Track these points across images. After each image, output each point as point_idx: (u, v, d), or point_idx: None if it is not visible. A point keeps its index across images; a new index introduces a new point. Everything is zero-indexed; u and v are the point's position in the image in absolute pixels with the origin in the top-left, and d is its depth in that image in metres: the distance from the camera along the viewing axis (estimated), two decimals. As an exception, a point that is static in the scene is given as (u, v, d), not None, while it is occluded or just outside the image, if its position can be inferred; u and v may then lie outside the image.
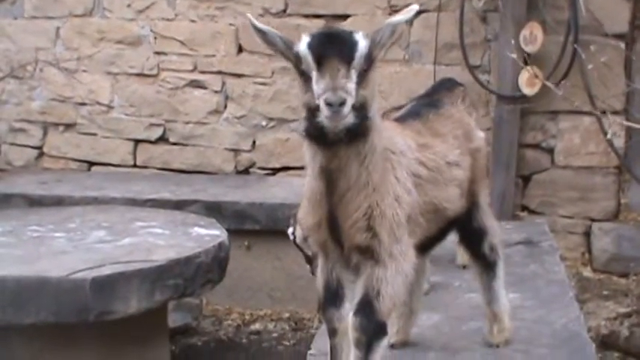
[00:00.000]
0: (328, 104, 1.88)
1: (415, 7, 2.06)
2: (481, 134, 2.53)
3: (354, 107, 1.91)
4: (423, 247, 2.28)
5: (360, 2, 4.93)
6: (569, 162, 4.71)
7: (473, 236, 2.48)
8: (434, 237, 2.31)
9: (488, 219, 2.51)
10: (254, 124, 5.13)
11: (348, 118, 1.91)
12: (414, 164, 2.19)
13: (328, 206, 2.09)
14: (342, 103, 1.88)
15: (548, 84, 3.38)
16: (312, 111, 1.95)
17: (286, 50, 2.04)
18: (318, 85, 1.92)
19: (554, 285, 3.19)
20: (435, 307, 2.84)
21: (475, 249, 2.50)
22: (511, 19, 4.49)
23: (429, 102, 2.49)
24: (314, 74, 1.93)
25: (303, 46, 1.97)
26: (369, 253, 2.09)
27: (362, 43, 1.96)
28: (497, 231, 2.54)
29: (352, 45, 1.95)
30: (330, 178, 2.05)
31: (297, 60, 1.99)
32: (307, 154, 2.08)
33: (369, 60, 1.97)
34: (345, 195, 2.06)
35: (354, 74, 1.92)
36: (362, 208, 2.06)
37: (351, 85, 1.91)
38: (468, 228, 2.46)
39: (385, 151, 2.08)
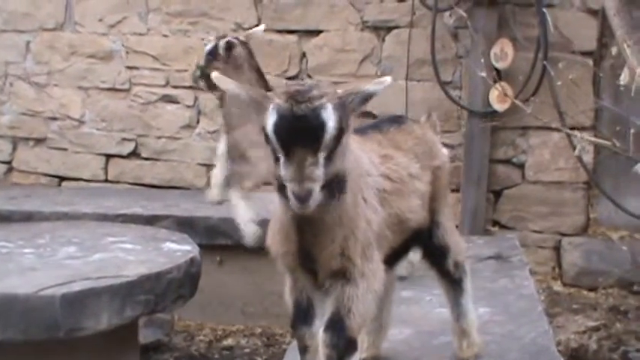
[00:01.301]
0: (295, 195, 1.86)
1: (388, 80, 1.99)
2: (445, 152, 2.54)
3: (325, 184, 1.88)
4: (389, 260, 2.28)
5: (332, 18, 4.96)
6: (539, 177, 4.76)
7: (435, 254, 2.49)
8: (399, 249, 2.32)
9: (451, 236, 2.51)
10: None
11: (319, 197, 1.88)
12: (379, 180, 2.19)
13: (300, 240, 2.09)
14: (309, 193, 1.86)
15: (517, 102, 3.42)
16: (282, 186, 1.91)
17: (257, 116, 1.95)
18: (285, 170, 1.87)
19: (524, 299, 3.21)
20: (406, 322, 2.85)
21: (439, 266, 2.51)
22: (482, 35, 4.54)
23: (392, 118, 2.50)
24: (281, 158, 1.88)
25: (269, 127, 1.88)
26: (340, 274, 2.10)
27: (331, 124, 1.86)
28: (462, 247, 2.56)
29: (320, 130, 1.85)
30: (302, 220, 2.02)
31: (265, 134, 1.91)
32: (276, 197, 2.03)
33: (339, 134, 1.89)
34: (319, 230, 2.04)
35: (321, 158, 1.86)
36: (337, 239, 2.05)
37: (319, 172, 1.85)
38: (429, 245, 2.47)
39: (353, 176, 2.07)
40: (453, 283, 2.52)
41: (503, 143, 4.79)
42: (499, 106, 4.57)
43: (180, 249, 3.42)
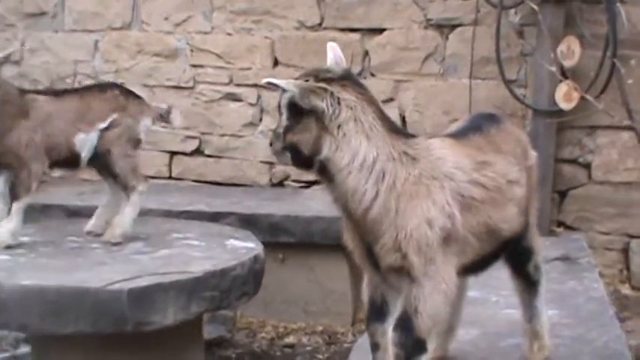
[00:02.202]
0: None
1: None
2: (534, 153, 2.51)
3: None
4: (476, 267, 2.27)
5: (395, 16, 4.94)
6: (607, 177, 4.67)
7: (520, 255, 2.45)
8: (488, 256, 2.30)
9: (536, 237, 2.48)
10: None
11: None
12: (466, 186, 2.17)
13: (359, 233, 2.14)
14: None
15: (589, 98, 3.35)
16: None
17: None
18: None
19: (594, 302, 3.15)
20: (473, 322, 2.82)
21: (520, 267, 2.47)
22: (548, 33, 4.47)
23: (489, 117, 2.47)
24: None
25: None
26: (403, 273, 2.10)
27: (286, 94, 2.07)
28: (542, 249, 2.52)
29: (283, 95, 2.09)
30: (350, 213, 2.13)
31: None
32: None
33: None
34: (365, 223, 2.10)
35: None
36: (386, 232, 2.08)
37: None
38: (517, 247, 2.42)
39: (420, 178, 2.09)
40: (529, 284, 2.49)
41: (569, 142, 4.71)
42: (565, 105, 4.50)
43: (244, 246, 3.45)
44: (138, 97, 3.68)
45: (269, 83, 2.06)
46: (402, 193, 2.07)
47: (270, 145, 2.15)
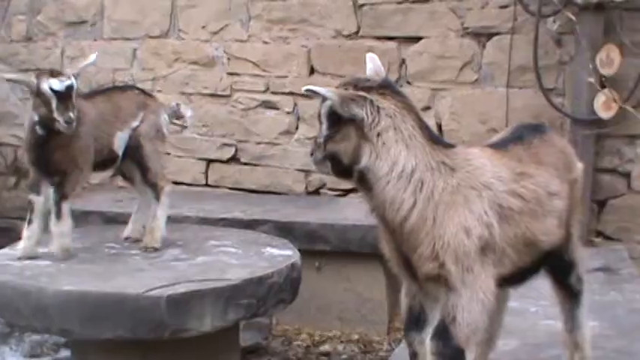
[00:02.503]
0: None
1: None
2: (580, 165, 2.48)
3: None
4: (515, 278, 2.26)
5: (432, 24, 4.92)
6: (646, 187, 4.61)
7: (563, 267, 2.43)
8: (527, 268, 2.28)
9: (579, 250, 2.46)
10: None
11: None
12: (504, 197, 2.16)
13: (394, 242, 2.16)
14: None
15: (629, 108, 3.31)
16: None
17: None
18: None
19: (636, 314, 3.11)
20: (512, 333, 2.80)
21: (562, 279, 2.45)
22: (587, 41, 4.43)
23: (533, 127, 2.45)
24: None
25: None
26: (441, 282, 2.10)
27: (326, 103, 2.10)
28: (584, 261, 2.50)
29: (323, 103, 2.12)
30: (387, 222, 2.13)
31: None
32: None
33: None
34: (403, 231, 2.10)
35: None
36: (424, 241, 2.09)
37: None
38: (559, 259, 2.40)
39: (458, 187, 2.09)
40: (571, 295, 2.47)
41: (609, 152, 4.65)
42: (604, 114, 4.45)
43: (281, 254, 3.46)
44: (151, 95, 3.78)
45: (309, 90, 2.07)
46: (440, 202, 2.08)
47: (311, 154, 2.18)
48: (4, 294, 3.07)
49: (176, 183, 5.41)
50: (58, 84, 3.06)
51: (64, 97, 3.07)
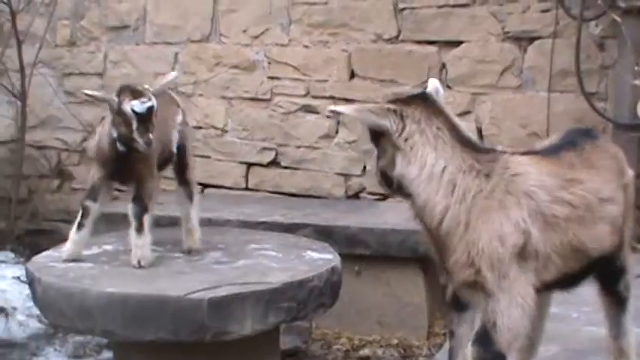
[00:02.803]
0: None
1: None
2: (631, 171, 2.46)
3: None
4: (562, 283, 2.27)
5: (473, 29, 4.91)
6: (690, 194, 4.54)
7: (613, 274, 2.41)
8: (575, 274, 2.27)
9: (629, 256, 2.44)
10: (365, 149, 5.15)
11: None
12: (546, 205, 2.15)
13: (434, 248, 2.20)
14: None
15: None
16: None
17: None
18: None
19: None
20: (554, 339, 2.78)
21: (611, 286, 2.43)
22: (630, 45, 4.38)
23: (584, 132, 2.44)
24: None
25: None
26: (477, 288, 2.11)
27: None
28: (633, 267, 2.48)
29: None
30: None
31: None
32: None
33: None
34: (438, 237, 2.14)
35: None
36: (458, 248, 2.10)
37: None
38: (609, 266, 2.38)
39: (492, 192, 2.09)
40: (618, 302, 2.44)
41: (652, 157, 4.60)
42: (648, 119, 4.41)
43: (321, 257, 3.47)
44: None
45: (332, 112, 2.22)
46: (473, 206, 2.09)
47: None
48: (49, 295, 3.12)
49: (216, 186, 5.46)
50: (139, 106, 3.07)
51: (145, 118, 3.09)
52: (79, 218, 3.34)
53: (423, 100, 2.14)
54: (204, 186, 5.50)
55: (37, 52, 5.59)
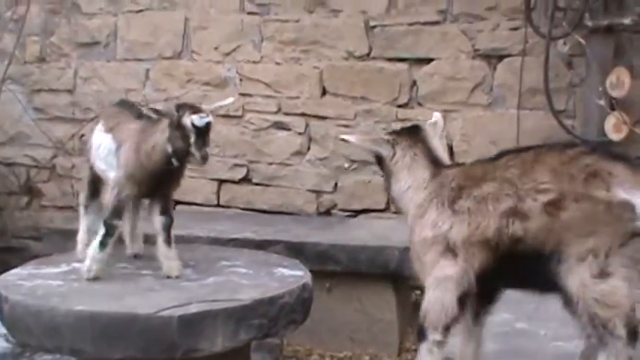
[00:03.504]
0: None
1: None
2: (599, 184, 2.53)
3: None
4: (506, 280, 2.48)
5: (443, 46, 4.95)
6: (657, 210, 4.60)
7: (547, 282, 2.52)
8: (502, 270, 2.41)
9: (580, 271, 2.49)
10: (336, 165, 5.17)
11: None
12: (456, 201, 2.45)
13: None
14: None
15: (638, 131, 3.32)
16: None
17: None
18: None
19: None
20: (522, 356, 2.80)
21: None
22: (597, 64, 4.45)
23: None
24: None
25: None
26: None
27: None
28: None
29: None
30: None
31: None
32: None
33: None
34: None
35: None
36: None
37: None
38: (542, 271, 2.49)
39: (425, 201, 2.51)
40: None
41: (620, 174, 4.65)
42: (615, 136, 4.45)
43: (292, 274, 3.47)
44: None
45: (342, 140, 2.63)
46: (415, 215, 2.50)
47: None
48: (16, 313, 3.08)
49: (188, 203, 5.44)
50: (199, 120, 3.13)
51: (203, 133, 3.16)
52: (101, 237, 3.31)
53: (414, 131, 2.59)
54: (176, 203, 5.47)
55: (6, 68, 5.56)
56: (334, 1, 5.14)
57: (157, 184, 3.33)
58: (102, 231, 3.32)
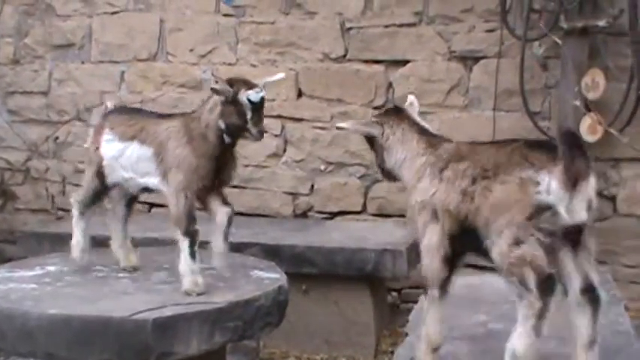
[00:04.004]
0: None
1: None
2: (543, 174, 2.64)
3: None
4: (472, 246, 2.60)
5: (419, 48, 4.97)
6: (632, 210, 4.65)
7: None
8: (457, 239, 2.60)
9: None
10: (312, 168, 5.17)
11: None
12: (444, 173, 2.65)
13: None
14: None
15: (614, 132, 3.35)
16: None
17: None
18: None
19: (620, 336, 3.11)
20: (495, 357, 2.80)
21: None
22: (572, 65, 4.48)
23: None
24: None
25: None
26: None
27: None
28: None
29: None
30: None
31: None
32: None
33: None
34: None
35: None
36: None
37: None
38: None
39: (427, 165, 2.72)
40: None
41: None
42: (590, 137, 4.48)
43: (268, 277, 3.45)
44: None
45: (338, 128, 2.87)
46: (412, 180, 2.72)
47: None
48: (-11, 317, 3.05)
49: (163, 206, 5.39)
50: (254, 95, 3.12)
51: (258, 108, 3.14)
52: (189, 248, 3.27)
53: (395, 111, 2.86)
54: (151, 205, 5.45)
55: (-20, 70, 5.51)
56: (310, 3, 5.14)
57: (217, 170, 3.25)
58: (186, 243, 3.26)
